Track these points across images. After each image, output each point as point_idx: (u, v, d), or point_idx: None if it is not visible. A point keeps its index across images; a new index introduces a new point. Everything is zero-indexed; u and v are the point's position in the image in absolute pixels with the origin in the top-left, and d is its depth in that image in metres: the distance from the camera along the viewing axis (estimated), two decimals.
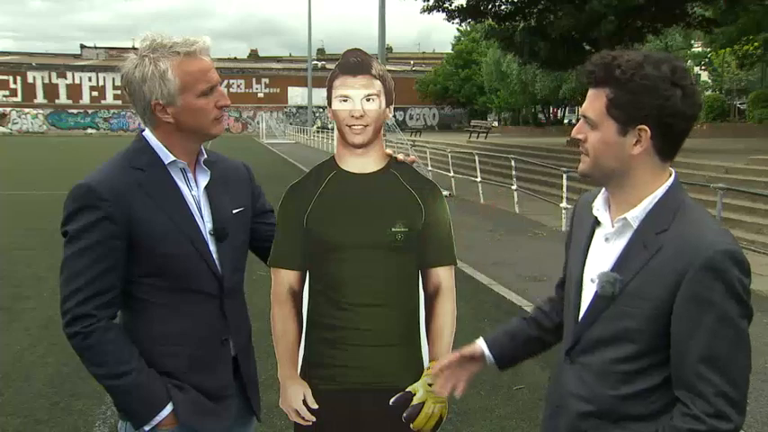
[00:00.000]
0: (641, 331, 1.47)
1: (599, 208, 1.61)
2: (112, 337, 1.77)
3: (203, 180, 1.91)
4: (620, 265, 1.51)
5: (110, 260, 1.75)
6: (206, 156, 1.93)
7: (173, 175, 1.86)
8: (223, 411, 1.92)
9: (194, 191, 1.89)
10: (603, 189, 1.61)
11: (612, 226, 1.56)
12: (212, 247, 1.88)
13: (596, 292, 1.54)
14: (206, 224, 1.88)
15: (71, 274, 1.75)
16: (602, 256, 1.56)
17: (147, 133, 1.87)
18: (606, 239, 1.57)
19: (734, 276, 1.40)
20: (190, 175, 1.89)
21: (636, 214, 1.51)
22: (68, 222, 1.76)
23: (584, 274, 1.60)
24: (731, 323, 1.40)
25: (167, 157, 1.85)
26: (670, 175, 1.54)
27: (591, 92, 1.52)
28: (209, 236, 1.87)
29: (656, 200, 1.51)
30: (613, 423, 1.53)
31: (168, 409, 1.80)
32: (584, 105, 1.55)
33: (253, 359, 2.07)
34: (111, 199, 1.74)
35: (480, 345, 1.85)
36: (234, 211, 1.95)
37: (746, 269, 1.43)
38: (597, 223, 1.62)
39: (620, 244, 1.53)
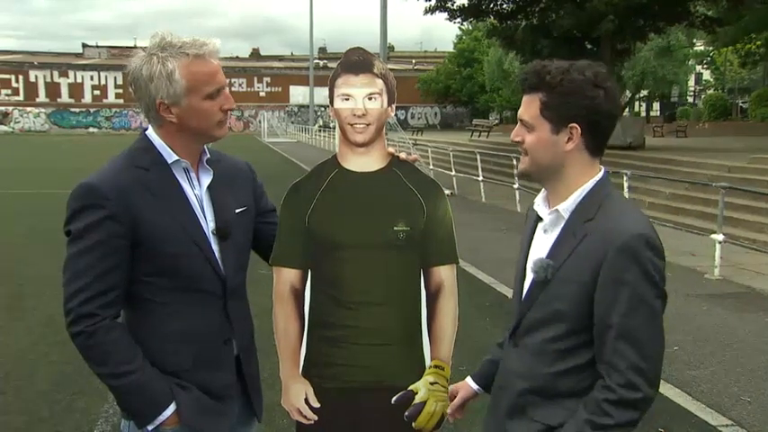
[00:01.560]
0: (570, 312, 1.62)
1: (539, 204, 1.76)
2: (116, 337, 1.77)
3: (206, 179, 1.91)
4: (553, 252, 1.66)
5: (113, 259, 1.75)
6: (209, 155, 1.93)
7: (176, 174, 1.86)
8: (226, 411, 1.93)
9: (197, 190, 1.89)
10: (544, 188, 1.76)
11: (547, 218, 1.71)
12: (215, 247, 1.88)
13: (532, 277, 1.69)
14: (209, 224, 1.88)
15: (74, 274, 1.75)
16: (541, 245, 1.72)
17: (151, 132, 1.87)
18: (545, 231, 1.73)
19: (647, 259, 1.54)
20: (193, 175, 1.89)
21: (567, 206, 1.67)
22: (72, 221, 1.76)
23: (527, 264, 1.74)
24: (645, 302, 1.55)
25: (171, 156, 1.84)
26: (600, 170, 1.69)
27: (525, 98, 1.69)
28: (211, 235, 1.87)
29: (585, 192, 1.66)
30: (549, 399, 1.68)
31: (171, 408, 1.81)
32: (520, 110, 1.71)
33: (255, 359, 2.07)
34: (115, 198, 1.74)
35: (470, 384, 2.02)
36: (237, 211, 1.95)
37: (660, 253, 1.57)
38: (539, 218, 1.76)
39: (554, 234, 1.69)
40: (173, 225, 1.80)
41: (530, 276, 1.71)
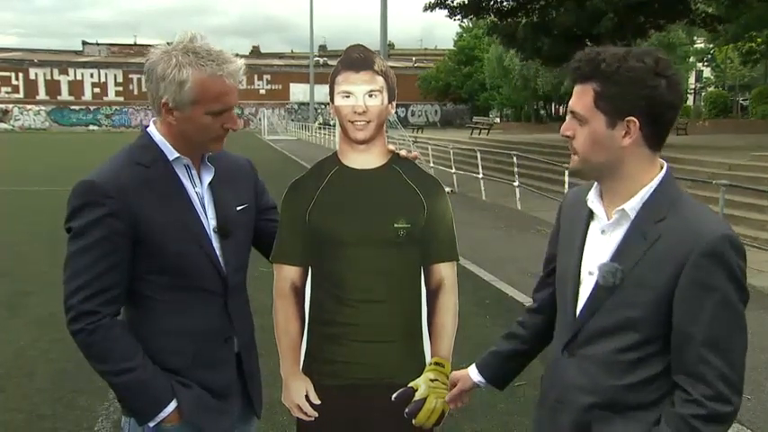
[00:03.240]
0: (643, 320, 1.49)
1: (593, 200, 1.63)
2: (116, 334, 1.77)
3: (207, 177, 1.90)
4: (619, 255, 1.53)
5: (114, 257, 1.75)
6: (210, 152, 1.93)
7: (177, 171, 1.85)
8: (227, 409, 1.93)
9: (198, 188, 1.89)
10: (596, 183, 1.63)
11: (609, 218, 1.58)
12: (216, 245, 1.87)
13: (596, 282, 1.55)
14: (210, 221, 1.88)
15: (75, 271, 1.75)
16: (600, 247, 1.58)
17: (152, 129, 1.87)
18: (603, 232, 1.59)
19: (734, 261, 1.44)
20: (194, 172, 1.89)
21: (633, 205, 1.53)
22: (72, 219, 1.76)
23: (582, 268, 1.62)
24: (732, 307, 1.45)
25: (172, 153, 1.84)
26: (662, 166, 1.57)
27: (577, 88, 1.55)
28: (213, 233, 1.87)
29: (652, 190, 1.54)
30: (618, 413, 1.55)
31: (173, 405, 1.81)
32: (571, 101, 1.58)
33: (255, 357, 2.07)
34: (116, 195, 1.74)
35: (471, 376, 1.95)
36: (238, 208, 1.94)
37: (744, 254, 1.47)
38: (591, 217, 1.63)
39: (617, 235, 1.55)
40: (174, 222, 1.80)
41: (587, 281, 1.59)
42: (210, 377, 1.88)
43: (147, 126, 1.89)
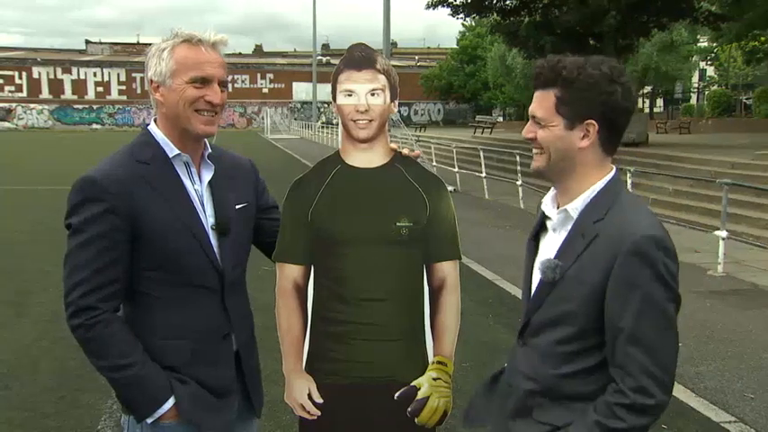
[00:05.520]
0: (579, 314, 1.58)
1: (547, 203, 1.73)
2: (115, 330, 1.78)
3: (207, 174, 1.91)
4: (562, 252, 1.63)
5: (113, 253, 1.76)
6: (210, 150, 1.94)
7: (177, 168, 1.86)
8: (225, 407, 1.93)
9: (197, 185, 1.89)
10: (554, 186, 1.72)
11: (556, 217, 1.68)
12: (214, 242, 1.88)
13: (540, 277, 1.65)
14: (208, 218, 1.88)
15: (74, 267, 1.76)
16: (549, 245, 1.69)
17: (153, 127, 1.89)
18: (554, 230, 1.69)
19: (659, 261, 1.50)
20: (193, 170, 1.90)
21: (576, 205, 1.63)
22: (72, 215, 1.77)
23: (535, 263, 1.72)
24: (657, 305, 1.51)
25: (172, 150, 1.85)
26: (611, 169, 1.66)
27: (538, 93, 1.64)
28: (211, 231, 1.88)
29: (596, 191, 1.62)
30: (556, 401, 1.65)
31: (170, 402, 1.81)
32: (531, 107, 1.67)
33: (255, 355, 2.07)
34: (115, 192, 1.75)
35: None
36: (237, 207, 1.95)
37: (673, 255, 1.53)
38: (546, 216, 1.73)
39: (563, 233, 1.65)
40: (172, 219, 1.81)
41: (537, 276, 1.68)
42: (209, 374, 1.89)
43: (149, 124, 1.91)
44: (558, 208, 1.68)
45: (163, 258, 1.81)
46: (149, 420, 1.81)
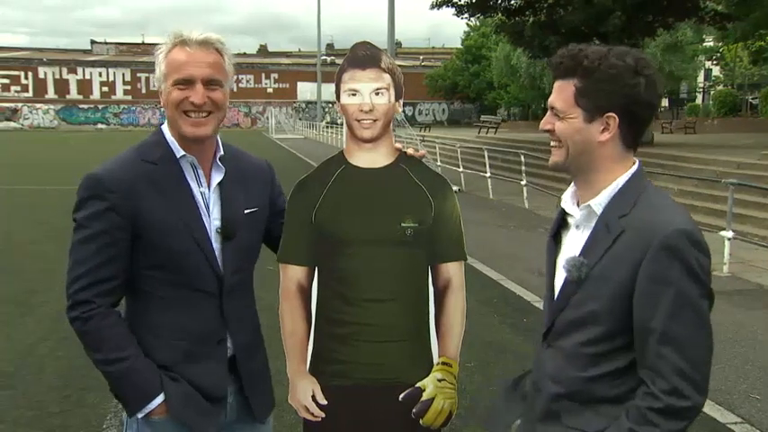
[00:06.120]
0: (606, 313, 1.51)
1: (566, 200, 1.67)
2: (110, 324, 1.80)
3: (217, 177, 1.91)
4: (586, 250, 1.56)
5: (113, 250, 1.78)
6: (222, 152, 1.93)
7: (183, 170, 1.86)
8: (215, 411, 1.92)
9: (203, 188, 1.89)
10: (573, 183, 1.67)
11: (578, 214, 1.62)
12: (216, 246, 1.88)
13: (565, 276, 1.59)
14: (213, 222, 1.88)
15: (75, 261, 1.80)
16: (573, 242, 1.62)
17: (165, 127, 1.90)
18: (577, 227, 1.63)
19: (691, 256, 1.43)
20: (200, 172, 1.89)
21: (599, 201, 1.57)
22: (77, 210, 1.81)
23: (558, 261, 1.66)
24: (689, 302, 1.43)
25: (179, 151, 1.86)
26: (634, 163, 1.59)
27: (558, 83, 1.58)
28: (214, 234, 1.87)
29: (619, 186, 1.56)
30: (583, 405, 1.58)
31: (160, 398, 1.82)
32: (551, 97, 1.60)
33: (259, 359, 2.05)
34: (118, 191, 1.77)
35: None
36: (246, 211, 1.94)
37: (705, 249, 1.46)
38: (567, 214, 1.68)
39: (587, 230, 1.59)
40: (174, 220, 1.81)
41: (561, 275, 1.61)
42: (201, 377, 1.88)
43: (162, 124, 1.92)
44: (578, 204, 1.63)
45: (164, 258, 1.82)
46: (139, 415, 1.83)
